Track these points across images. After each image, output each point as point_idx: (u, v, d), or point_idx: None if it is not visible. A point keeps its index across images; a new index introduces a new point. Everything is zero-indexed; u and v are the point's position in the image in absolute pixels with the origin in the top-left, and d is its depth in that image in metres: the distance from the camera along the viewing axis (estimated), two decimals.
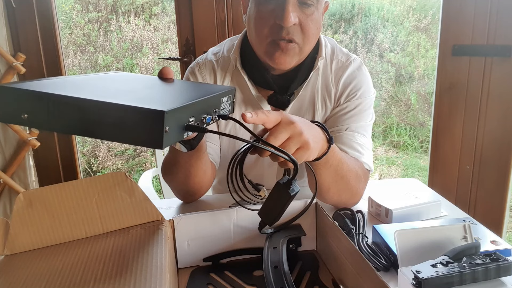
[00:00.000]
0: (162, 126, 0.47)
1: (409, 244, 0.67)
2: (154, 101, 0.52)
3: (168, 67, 0.72)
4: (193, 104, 0.56)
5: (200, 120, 0.59)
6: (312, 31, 0.91)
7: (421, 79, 4.11)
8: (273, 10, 0.89)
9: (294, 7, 0.87)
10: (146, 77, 0.73)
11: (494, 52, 1.63)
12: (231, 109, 0.72)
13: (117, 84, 0.63)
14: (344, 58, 1.04)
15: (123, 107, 0.48)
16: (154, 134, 0.48)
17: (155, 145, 0.48)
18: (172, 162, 0.92)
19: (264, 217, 0.66)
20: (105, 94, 0.53)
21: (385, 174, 3.63)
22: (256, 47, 0.96)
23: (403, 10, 4.48)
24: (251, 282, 0.70)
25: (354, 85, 1.02)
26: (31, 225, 0.68)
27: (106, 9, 4.35)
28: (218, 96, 0.65)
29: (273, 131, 0.66)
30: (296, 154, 0.69)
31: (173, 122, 0.50)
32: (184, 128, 0.54)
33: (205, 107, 0.61)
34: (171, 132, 0.50)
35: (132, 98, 0.52)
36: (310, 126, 0.72)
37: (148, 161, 3.75)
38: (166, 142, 0.49)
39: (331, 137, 0.78)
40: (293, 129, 0.67)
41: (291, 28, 0.88)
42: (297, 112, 1.04)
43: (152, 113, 0.47)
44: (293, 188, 0.62)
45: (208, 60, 1.06)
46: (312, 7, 0.90)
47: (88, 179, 0.70)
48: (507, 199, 1.73)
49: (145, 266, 0.58)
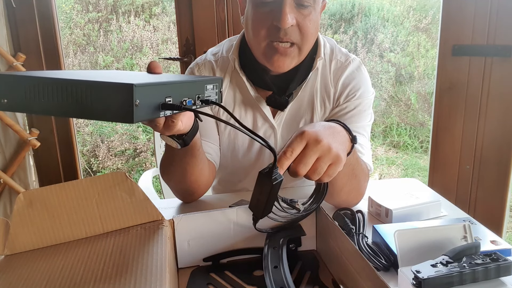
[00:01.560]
0: (132, 99, 0.49)
1: (409, 244, 0.67)
2: (127, 79, 0.53)
3: (155, 61, 0.72)
4: (170, 85, 0.58)
5: (180, 102, 0.60)
6: (310, 32, 0.91)
7: (421, 79, 4.11)
8: (270, 12, 0.88)
9: (291, 8, 0.87)
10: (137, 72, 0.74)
11: (494, 52, 1.63)
12: (218, 98, 0.72)
13: (101, 72, 0.64)
14: (343, 58, 1.04)
15: (95, 83, 0.50)
16: (124, 107, 0.49)
17: (126, 119, 0.50)
18: (168, 161, 0.92)
19: (253, 211, 0.66)
20: (80, 76, 0.54)
21: (385, 174, 3.63)
22: (254, 49, 0.96)
23: (403, 10, 4.48)
24: (251, 282, 0.70)
25: (353, 85, 1.02)
26: (31, 225, 0.68)
27: (106, 9, 4.35)
28: (201, 82, 0.66)
29: (301, 158, 0.64)
30: (329, 171, 0.67)
31: (145, 98, 0.51)
32: (160, 107, 0.56)
33: (186, 91, 0.62)
34: (143, 108, 0.51)
35: (108, 78, 0.54)
36: (334, 134, 0.70)
37: (148, 161, 3.75)
38: (138, 117, 0.50)
39: (354, 136, 0.75)
40: (321, 148, 0.64)
41: (288, 29, 0.88)
42: (296, 113, 1.04)
43: (122, 86, 0.49)
44: (275, 177, 0.61)
45: (207, 61, 1.06)
46: (309, 8, 0.89)
47: (88, 179, 0.70)
48: (507, 199, 1.73)
49: (145, 266, 0.58)
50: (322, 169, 0.66)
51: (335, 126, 0.73)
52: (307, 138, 0.65)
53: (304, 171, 0.65)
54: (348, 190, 0.90)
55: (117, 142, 3.78)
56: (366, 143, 1.01)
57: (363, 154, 0.98)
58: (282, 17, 0.86)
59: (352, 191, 0.91)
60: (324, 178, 0.68)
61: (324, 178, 0.68)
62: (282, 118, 1.04)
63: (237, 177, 1.13)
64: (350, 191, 0.90)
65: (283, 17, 0.86)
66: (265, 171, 0.62)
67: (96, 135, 3.85)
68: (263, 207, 0.64)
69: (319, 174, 0.66)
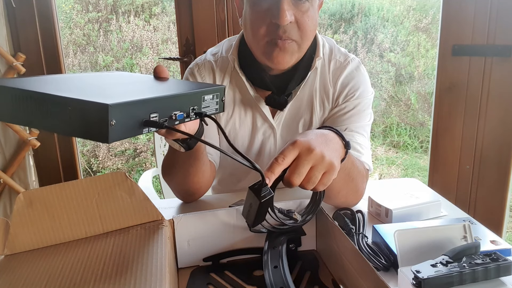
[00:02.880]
0: (107, 119, 0.47)
1: (409, 244, 0.67)
2: (108, 96, 0.51)
3: (161, 65, 0.71)
4: (155, 100, 0.55)
5: (169, 116, 0.58)
6: (309, 28, 0.91)
7: (421, 79, 4.11)
8: (268, 10, 0.88)
9: (289, 5, 0.87)
10: (140, 76, 0.72)
11: (494, 52, 1.63)
12: (220, 108, 0.69)
13: (95, 80, 0.62)
14: (342, 58, 1.04)
15: (71, 100, 0.48)
16: (99, 127, 0.47)
17: (101, 139, 0.48)
18: (171, 162, 0.92)
19: (246, 218, 0.65)
20: (65, 89, 0.53)
21: (385, 174, 3.63)
22: (254, 49, 0.96)
23: (403, 10, 4.48)
24: (251, 282, 0.70)
25: (353, 85, 1.02)
26: (31, 225, 0.68)
27: (106, 9, 4.35)
28: (198, 94, 0.63)
29: (294, 168, 0.63)
30: (323, 180, 0.66)
31: (123, 116, 0.49)
32: (143, 124, 0.53)
33: (177, 104, 0.59)
34: (121, 127, 0.49)
35: (90, 92, 0.52)
36: (327, 141, 0.69)
37: (148, 161, 3.75)
38: (114, 136, 0.48)
39: (347, 142, 0.75)
40: (314, 156, 0.64)
41: (287, 26, 0.88)
42: (296, 113, 1.04)
43: (96, 106, 0.47)
44: (264, 194, 0.60)
45: (207, 61, 1.06)
46: (307, 3, 0.89)
47: (88, 179, 0.70)
48: (507, 199, 1.73)
49: (145, 266, 0.58)
50: (317, 178, 0.65)
51: (327, 133, 0.72)
52: (300, 148, 0.64)
53: (299, 181, 0.64)
54: (345, 193, 0.90)
55: (117, 142, 3.78)
56: (366, 142, 1.01)
57: (362, 154, 0.98)
58: (280, 14, 0.86)
59: (350, 194, 0.91)
60: (318, 187, 0.67)
61: (319, 187, 0.67)
62: (282, 118, 1.04)
63: (237, 178, 1.13)
64: (347, 193, 0.91)
65: (281, 14, 0.86)
66: (255, 187, 0.61)
67: None
68: (253, 218, 0.63)
69: (313, 183, 0.66)
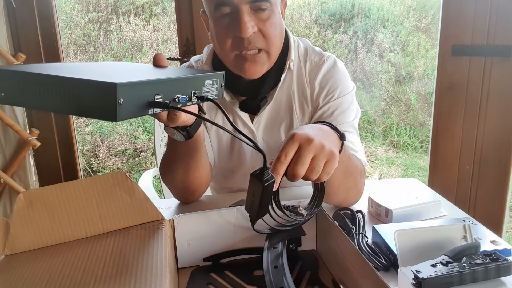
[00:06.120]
0: (115, 98, 0.48)
1: (409, 244, 0.67)
2: (114, 77, 0.53)
3: (160, 54, 0.72)
4: (160, 82, 0.57)
5: (172, 99, 0.59)
6: (273, 34, 0.91)
7: (421, 79, 4.11)
8: (230, 24, 0.88)
9: (249, 16, 0.87)
10: (141, 64, 0.74)
11: (494, 52, 1.63)
12: (219, 93, 0.71)
13: (99, 67, 0.64)
14: (317, 58, 1.03)
15: (80, 81, 0.50)
16: (108, 106, 0.49)
17: (110, 117, 0.50)
18: (171, 158, 0.92)
19: (249, 212, 0.65)
20: (72, 72, 0.54)
21: (385, 174, 3.63)
22: (225, 61, 0.96)
23: (403, 10, 4.48)
24: (251, 282, 0.70)
25: (331, 84, 1.01)
26: (31, 225, 0.68)
27: (106, 9, 4.35)
28: (198, 78, 0.65)
29: (297, 159, 0.64)
30: (326, 168, 0.67)
31: (130, 96, 0.51)
32: (148, 105, 0.55)
33: (180, 88, 0.61)
34: (128, 106, 0.51)
35: (96, 75, 0.54)
36: (323, 133, 0.70)
37: (148, 161, 3.75)
38: (122, 115, 0.50)
39: (342, 133, 0.76)
40: (315, 146, 0.65)
41: (251, 37, 0.88)
42: (275, 116, 1.04)
43: (105, 85, 0.49)
44: (267, 178, 0.61)
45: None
46: (267, 11, 0.89)
47: (88, 179, 0.70)
48: (507, 199, 1.73)
49: (145, 266, 0.58)
50: (320, 167, 0.66)
51: (322, 126, 0.74)
52: (299, 140, 0.65)
53: (303, 172, 0.64)
54: (345, 189, 0.90)
55: (117, 142, 3.78)
56: (356, 139, 1.01)
57: (356, 151, 0.98)
58: (241, 28, 0.86)
59: (349, 189, 0.91)
60: (322, 177, 0.68)
61: (323, 176, 0.68)
62: (260, 122, 1.05)
63: (224, 177, 1.13)
64: (347, 189, 0.90)
65: (242, 28, 0.86)
66: (256, 173, 0.61)
67: (96, 135, 3.86)
68: (257, 208, 0.63)
69: (317, 173, 0.66)
